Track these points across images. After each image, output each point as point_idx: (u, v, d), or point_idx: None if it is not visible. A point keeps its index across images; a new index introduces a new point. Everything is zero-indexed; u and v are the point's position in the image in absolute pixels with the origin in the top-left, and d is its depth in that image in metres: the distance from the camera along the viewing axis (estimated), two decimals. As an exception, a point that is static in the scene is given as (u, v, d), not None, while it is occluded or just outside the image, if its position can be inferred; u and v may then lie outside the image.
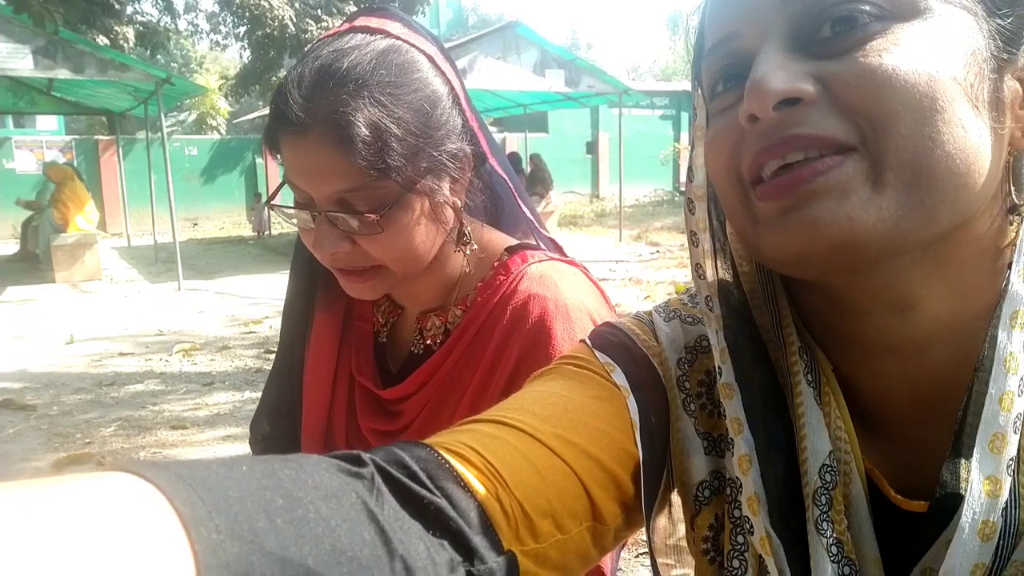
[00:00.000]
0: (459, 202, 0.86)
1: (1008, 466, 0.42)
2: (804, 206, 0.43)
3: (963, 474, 0.43)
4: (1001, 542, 0.41)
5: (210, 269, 10.54)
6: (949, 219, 0.43)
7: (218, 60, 36.00)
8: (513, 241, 0.93)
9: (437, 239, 0.85)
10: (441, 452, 0.45)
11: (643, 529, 0.53)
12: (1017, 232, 0.46)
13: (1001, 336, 0.43)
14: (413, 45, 0.81)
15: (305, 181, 0.78)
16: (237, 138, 19.50)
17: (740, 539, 0.51)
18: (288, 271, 1.02)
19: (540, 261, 0.89)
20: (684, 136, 22.83)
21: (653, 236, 12.71)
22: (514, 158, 12.44)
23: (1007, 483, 0.42)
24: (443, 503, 0.42)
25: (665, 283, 8.22)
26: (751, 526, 0.49)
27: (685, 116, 22.82)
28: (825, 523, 0.46)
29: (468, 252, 0.89)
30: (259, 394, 1.10)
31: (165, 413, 4.56)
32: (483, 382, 0.84)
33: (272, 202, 0.85)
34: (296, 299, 1.01)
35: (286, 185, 0.82)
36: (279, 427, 1.04)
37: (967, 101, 0.42)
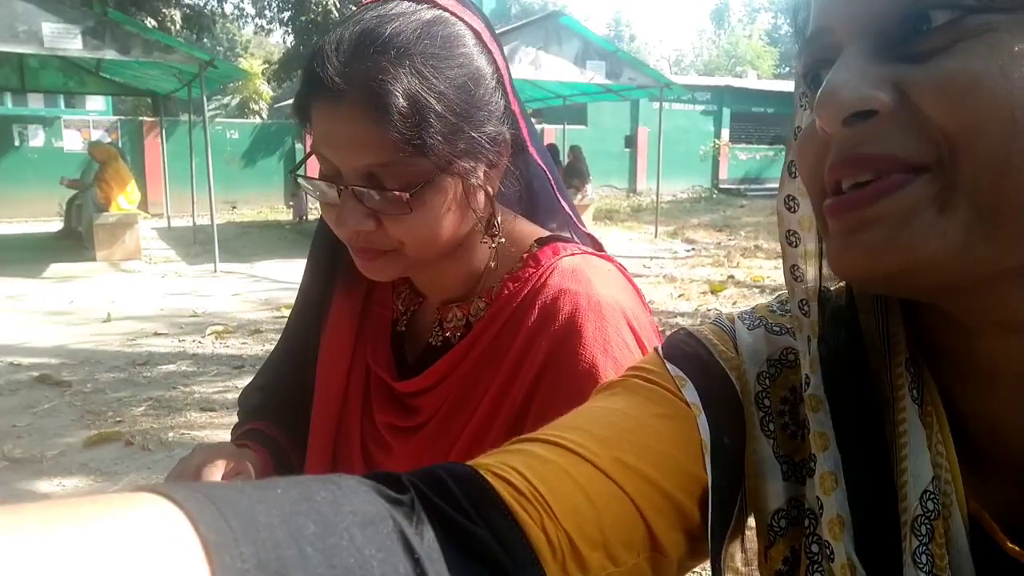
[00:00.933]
0: (492, 189, 0.80)
1: None
2: (864, 230, 0.39)
3: None
4: None
5: (246, 252, 10.65)
6: None
7: (262, 45, 36.44)
8: (545, 233, 0.87)
9: (464, 226, 0.80)
10: (486, 476, 0.43)
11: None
12: None
13: None
14: (460, 18, 0.76)
15: (334, 151, 0.73)
16: (278, 123, 19.70)
17: (817, 574, 0.46)
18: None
19: (572, 254, 0.83)
20: (725, 132, 22.51)
21: (689, 233, 12.55)
22: (552, 150, 12.37)
23: None
24: (485, 534, 0.39)
25: (700, 281, 8.09)
26: (831, 552, 0.44)
27: (727, 112, 22.48)
28: (924, 556, 0.41)
29: (495, 244, 0.83)
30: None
31: (195, 395, 4.60)
32: (507, 381, 0.79)
33: (297, 173, 0.80)
34: (314, 282, 0.97)
35: (312, 158, 0.78)
36: (267, 407, 1.00)
37: None
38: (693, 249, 10.97)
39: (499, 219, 0.83)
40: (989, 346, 0.42)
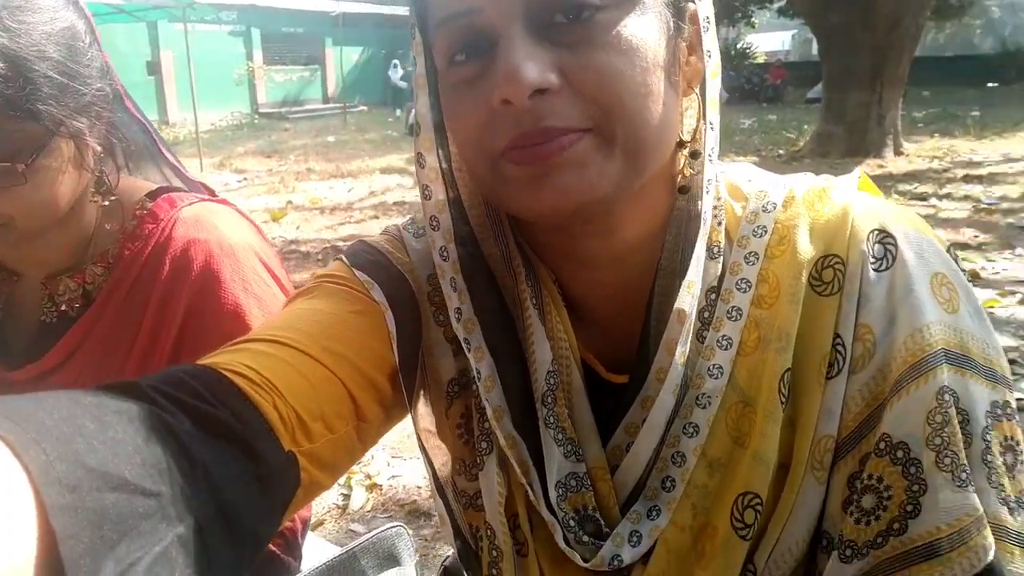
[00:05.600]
0: (100, 145, 0.79)
1: (684, 337, 0.55)
2: (553, 175, 0.51)
3: (651, 347, 0.57)
4: (681, 392, 0.55)
5: None
6: (652, 170, 0.55)
7: None
8: (153, 186, 0.87)
9: (79, 188, 0.77)
10: (222, 371, 0.51)
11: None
12: (684, 161, 0.61)
13: (670, 244, 0.58)
14: None
15: None
16: None
17: (486, 424, 0.61)
18: None
19: (191, 204, 0.85)
20: (258, 54, 21.78)
21: (238, 163, 12.07)
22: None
23: (681, 349, 0.55)
24: (228, 416, 0.47)
25: (259, 211, 7.98)
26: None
27: (257, 33, 21.68)
28: (552, 417, 0.59)
29: (106, 202, 0.82)
30: None
31: None
32: (149, 340, 0.80)
33: None
34: None
35: None
36: None
37: (666, 79, 0.53)
38: (245, 179, 10.62)
39: (108, 176, 0.82)
40: (586, 245, 0.59)
